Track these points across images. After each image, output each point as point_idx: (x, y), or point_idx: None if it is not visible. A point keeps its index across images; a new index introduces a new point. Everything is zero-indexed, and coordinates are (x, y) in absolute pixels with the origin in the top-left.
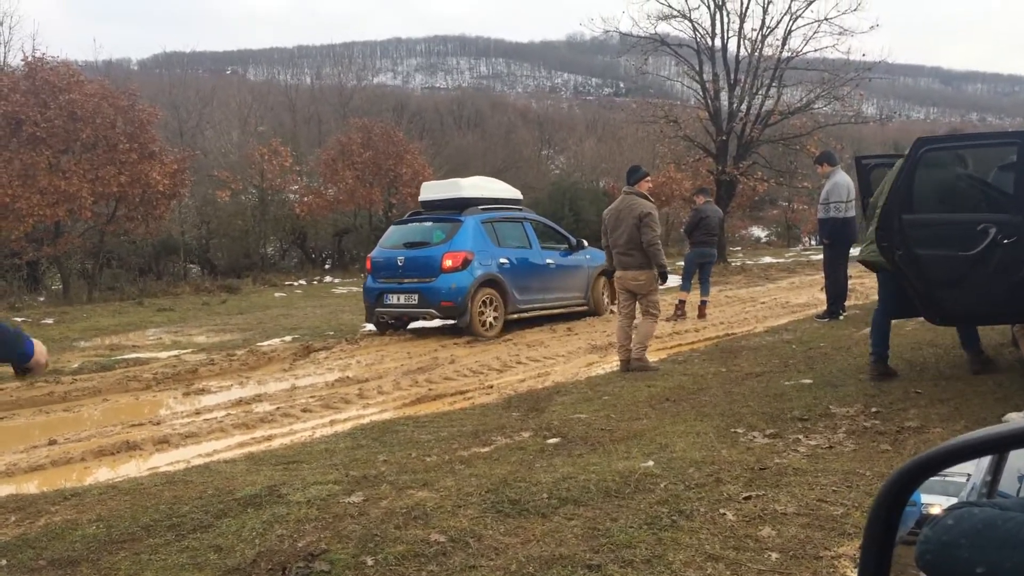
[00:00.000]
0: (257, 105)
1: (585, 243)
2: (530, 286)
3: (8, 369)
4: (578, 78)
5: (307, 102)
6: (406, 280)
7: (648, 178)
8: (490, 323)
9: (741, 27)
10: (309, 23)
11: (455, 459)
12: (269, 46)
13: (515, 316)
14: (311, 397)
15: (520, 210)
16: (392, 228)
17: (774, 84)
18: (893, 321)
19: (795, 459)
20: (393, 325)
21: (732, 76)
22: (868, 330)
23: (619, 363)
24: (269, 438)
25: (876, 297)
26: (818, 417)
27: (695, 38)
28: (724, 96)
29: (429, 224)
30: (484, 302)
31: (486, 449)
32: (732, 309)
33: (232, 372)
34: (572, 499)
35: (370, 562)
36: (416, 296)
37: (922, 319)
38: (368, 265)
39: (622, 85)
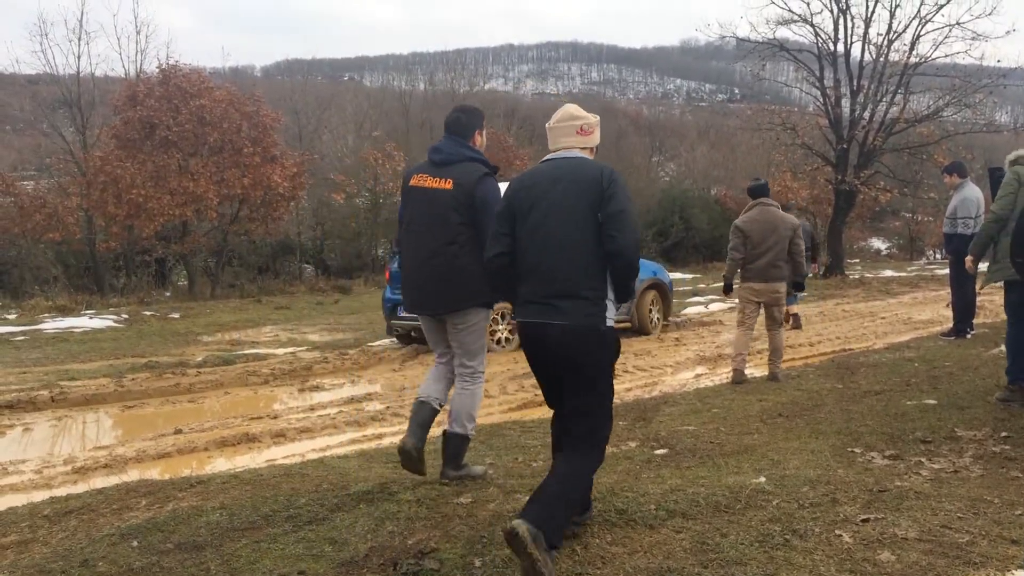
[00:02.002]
0: (372, 110)
1: None
2: None
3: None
4: (691, 84)
5: (420, 107)
6: None
7: None
8: (503, 339)
9: (866, 32)
10: (424, 31)
11: None
12: (385, 53)
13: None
14: None
15: None
16: None
17: (900, 91)
18: None
19: (917, 482)
20: (415, 339)
21: (855, 82)
22: (997, 350)
23: (732, 374)
24: (379, 436)
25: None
26: (942, 440)
27: (816, 43)
28: (845, 103)
29: None
30: (496, 319)
31: None
32: (849, 324)
33: (344, 371)
34: (680, 512)
35: (478, 563)
36: None
37: None
38: (387, 275)
39: (736, 91)
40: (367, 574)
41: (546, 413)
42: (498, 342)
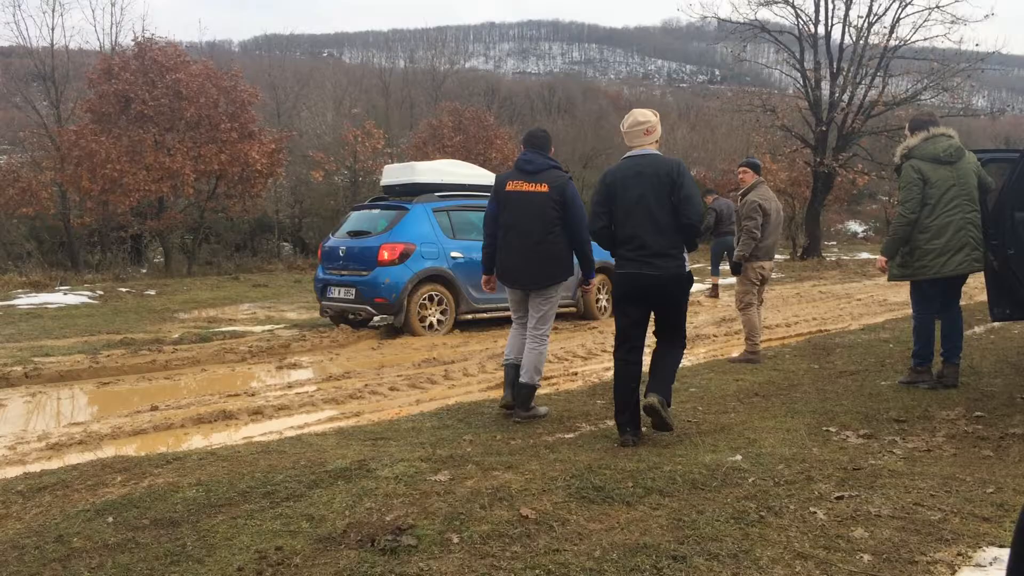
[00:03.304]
0: (352, 88)
1: None
2: None
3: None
4: (672, 65)
5: (400, 85)
6: (345, 272)
7: None
8: (434, 323)
9: (847, 14)
10: (404, 7)
11: (540, 443)
12: (365, 29)
13: (470, 316)
14: (398, 376)
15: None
16: (351, 213)
17: (879, 73)
18: (997, 324)
19: (891, 461)
20: (351, 321)
21: (835, 65)
22: (970, 332)
23: (753, 356)
24: (358, 414)
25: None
26: (916, 419)
27: (797, 25)
28: (825, 85)
29: (376, 212)
30: (428, 300)
31: (571, 435)
32: (826, 305)
33: (323, 348)
34: (657, 489)
35: (456, 539)
36: (353, 290)
37: None
38: (319, 254)
39: (717, 72)
40: (344, 550)
41: None
42: (429, 326)
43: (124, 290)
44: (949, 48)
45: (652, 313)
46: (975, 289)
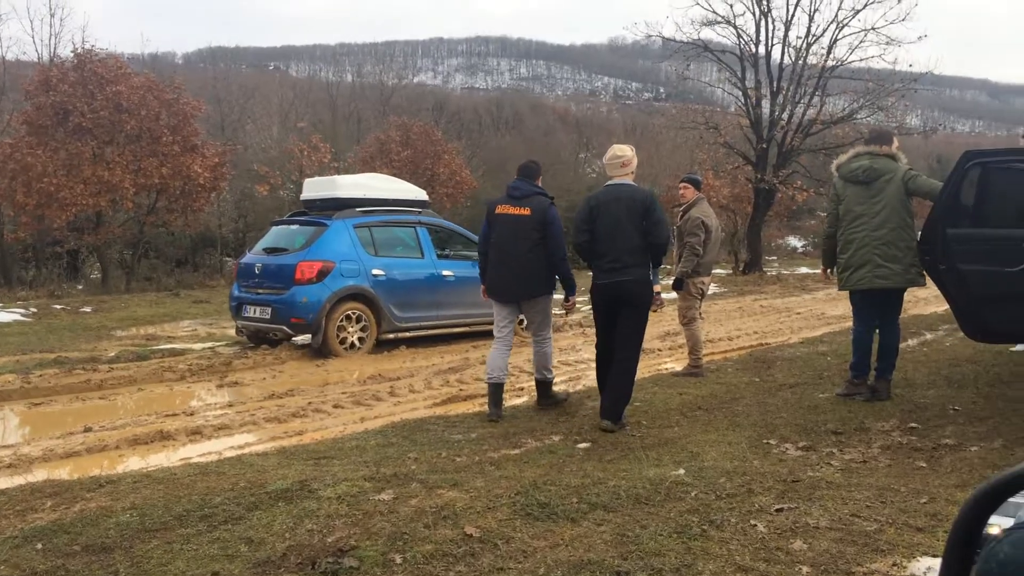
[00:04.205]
0: (298, 101)
1: None
2: (416, 301)
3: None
4: (618, 82)
5: (347, 99)
6: (261, 291)
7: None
8: (354, 343)
9: (786, 34)
10: (352, 22)
11: (485, 460)
12: (312, 43)
13: (392, 336)
14: (342, 393)
15: (418, 213)
16: (270, 228)
17: (817, 93)
18: (931, 336)
19: (828, 472)
20: (269, 340)
21: (775, 84)
22: (904, 344)
23: (697, 370)
24: (300, 433)
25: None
26: (853, 431)
27: (739, 44)
28: (766, 104)
29: (295, 228)
30: (347, 319)
31: (516, 451)
32: (767, 319)
33: (265, 366)
34: (602, 504)
35: (399, 560)
36: (269, 309)
37: (962, 335)
38: (234, 271)
39: (662, 90)
40: (284, 573)
41: (470, 408)
42: (350, 346)
43: (59, 307)
44: (884, 68)
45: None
46: (908, 303)
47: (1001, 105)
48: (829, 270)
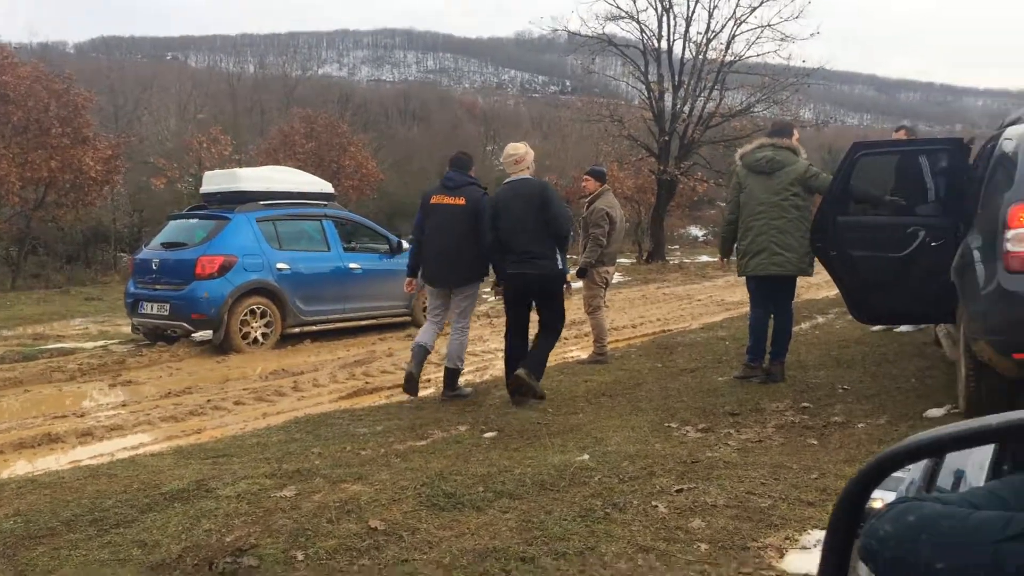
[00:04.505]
0: (197, 92)
1: (406, 244)
2: (323, 295)
3: None
4: (525, 75)
5: (249, 91)
6: (159, 287)
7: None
8: (258, 338)
9: (687, 30)
10: (253, 12)
11: (391, 452)
12: (212, 33)
13: (298, 329)
14: (244, 389)
15: (324, 206)
16: (167, 223)
17: (716, 87)
18: (823, 320)
19: (726, 453)
20: (167, 336)
21: (676, 78)
22: (796, 328)
23: (602, 356)
24: (199, 431)
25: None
26: (749, 412)
27: (642, 39)
28: (668, 97)
29: (195, 222)
30: (251, 314)
31: (422, 443)
32: (669, 306)
33: (162, 363)
34: (507, 492)
35: (300, 556)
36: (167, 306)
37: (851, 318)
38: (130, 266)
39: (568, 83)
40: None
41: (376, 401)
42: (253, 341)
43: None
44: (779, 64)
45: (535, 304)
46: (800, 288)
47: (888, 99)
48: (726, 258)
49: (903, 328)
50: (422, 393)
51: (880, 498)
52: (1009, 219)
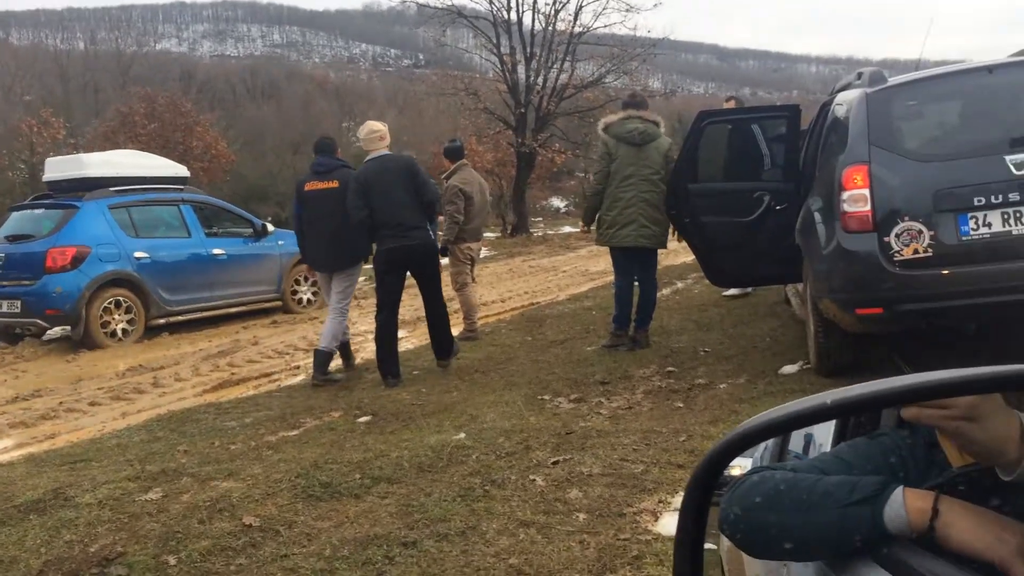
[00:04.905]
0: (23, 72)
1: (271, 227)
2: (187, 283)
3: None
4: (376, 49)
5: (81, 69)
6: (7, 283)
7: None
8: (120, 331)
9: (535, 1)
10: None
11: (262, 445)
12: (34, 7)
13: (163, 320)
14: (99, 389)
15: (180, 191)
16: (10, 214)
17: (567, 58)
18: (682, 285)
19: (598, 422)
20: (21, 334)
21: (528, 50)
22: (660, 293)
23: (473, 333)
24: (52, 436)
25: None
26: (618, 380)
27: (491, 11)
28: (521, 69)
29: (40, 212)
30: (112, 306)
31: (295, 432)
32: (536, 279)
33: (5, 366)
34: (385, 477)
35: (173, 561)
36: (18, 303)
37: (707, 282)
38: None
39: (421, 57)
40: None
41: (243, 392)
42: (113, 335)
43: None
44: (627, 35)
45: (418, 281)
46: (660, 255)
47: (730, 68)
48: (588, 226)
49: (731, 292)
50: (291, 381)
51: (738, 464)
52: (844, 181)
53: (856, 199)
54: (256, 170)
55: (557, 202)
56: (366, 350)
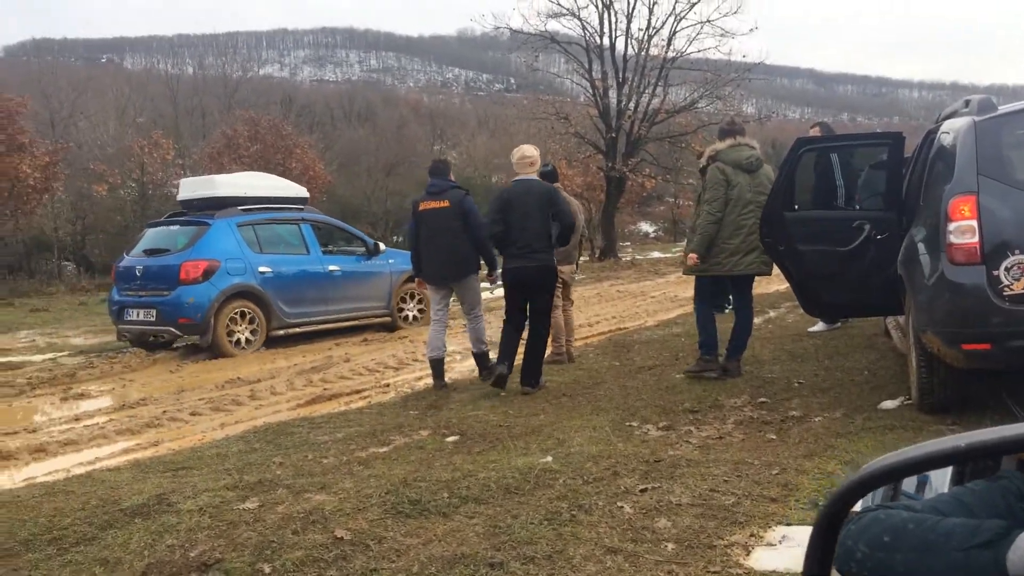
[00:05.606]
0: (135, 95)
1: (383, 246)
2: (305, 297)
3: None
4: (469, 73)
5: (189, 93)
6: (144, 293)
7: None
8: (244, 341)
9: (628, 27)
10: (189, 12)
11: (353, 460)
12: (147, 34)
13: (282, 332)
14: (200, 400)
15: (300, 210)
16: (146, 231)
17: (660, 83)
18: (775, 314)
19: (688, 450)
20: (154, 343)
21: (620, 74)
22: (753, 322)
23: (555, 356)
24: (156, 443)
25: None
26: (708, 408)
27: (584, 36)
28: (612, 94)
29: (175, 228)
30: (237, 317)
31: (385, 449)
32: (623, 303)
33: (114, 375)
34: (473, 497)
35: (267, 569)
36: (154, 312)
37: (803, 311)
38: (112, 274)
39: (513, 81)
40: None
41: (335, 408)
42: (238, 344)
43: None
44: (721, 59)
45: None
46: (761, 282)
47: (827, 93)
48: (701, 256)
49: (817, 328)
50: (381, 398)
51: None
52: (951, 212)
53: (963, 230)
54: (350, 191)
55: (646, 227)
56: (453, 370)
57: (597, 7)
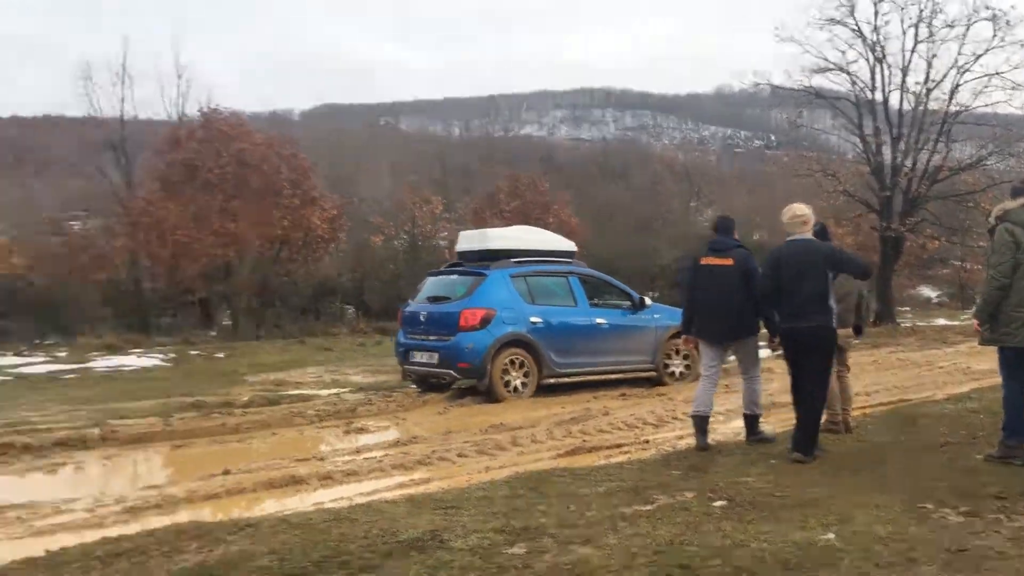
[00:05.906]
0: (408, 154)
1: (648, 301)
2: (573, 348)
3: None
4: (726, 131)
5: (457, 152)
6: (428, 337)
7: None
8: (517, 387)
9: (904, 80)
10: (457, 76)
11: (616, 515)
12: (420, 98)
13: (552, 380)
14: (465, 442)
15: (568, 263)
16: (427, 279)
17: (941, 139)
18: None
19: (997, 541)
20: (434, 385)
21: (895, 130)
22: None
23: (829, 424)
24: (427, 481)
25: None
26: (1018, 496)
27: (853, 91)
28: (886, 150)
29: (454, 278)
30: (511, 364)
31: (648, 507)
32: (906, 373)
33: (389, 413)
34: (747, 569)
35: None
36: (436, 355)
37: None
38: (399, 319)
39: (773, 137)
40: None
41: (594, 460)
42: (513, 389)
43: (194, 353)
44: (1011, 114)
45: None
46: None
47: None
48: (985, 323)
49: None
50: (641, 455)
51: None
52: None
53: None
54: (604, 247)
55: (927, 291)
56: (716, 431)
57: (868, 61)
